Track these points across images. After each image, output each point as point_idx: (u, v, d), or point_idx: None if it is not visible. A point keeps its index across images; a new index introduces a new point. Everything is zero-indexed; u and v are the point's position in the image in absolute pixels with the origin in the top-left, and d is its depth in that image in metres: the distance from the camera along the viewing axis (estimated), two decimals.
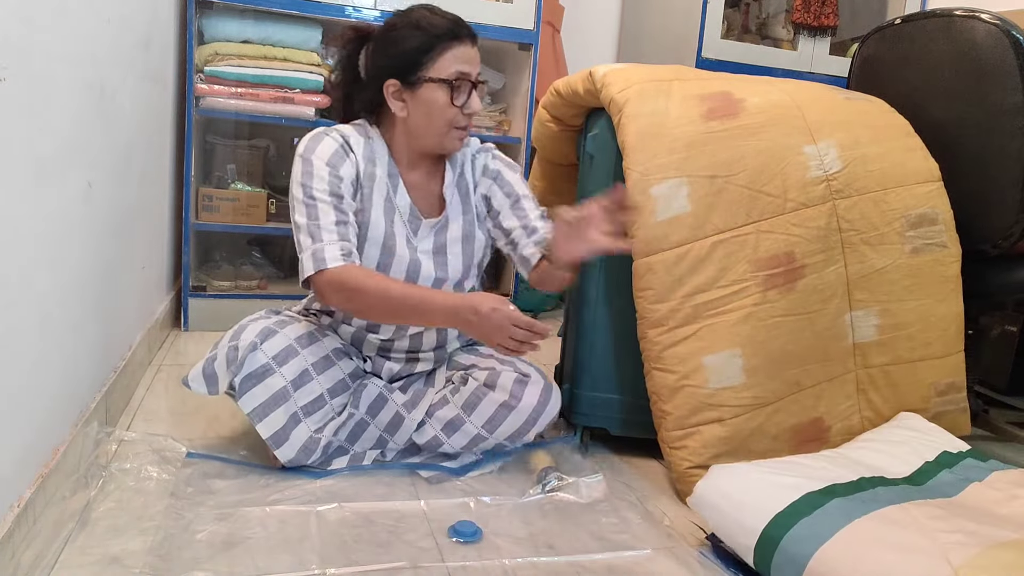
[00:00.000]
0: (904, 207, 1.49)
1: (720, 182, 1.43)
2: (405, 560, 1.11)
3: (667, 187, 1.42)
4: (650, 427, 1.45)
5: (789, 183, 1.45)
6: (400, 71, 1.35)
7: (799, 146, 1.47)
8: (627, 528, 1.26)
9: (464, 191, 1.49)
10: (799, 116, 1.51)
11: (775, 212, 1.44)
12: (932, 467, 1.33)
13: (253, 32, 2.20)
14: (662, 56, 2.81)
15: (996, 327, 2.12)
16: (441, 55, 1.33)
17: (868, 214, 1.48)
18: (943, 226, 1.50)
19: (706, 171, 1.44)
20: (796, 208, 1.45)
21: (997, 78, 1.46)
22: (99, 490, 1.20)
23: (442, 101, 1.34)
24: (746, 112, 1.49)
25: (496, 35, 2.38)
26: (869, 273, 1.48)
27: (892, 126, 1.57)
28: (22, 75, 0.93)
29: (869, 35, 1.74)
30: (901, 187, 1.50)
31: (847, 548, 1.03)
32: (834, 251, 1.46)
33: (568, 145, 1.75)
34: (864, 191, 1.48)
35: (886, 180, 1.50)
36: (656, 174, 1.42)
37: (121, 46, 1.47)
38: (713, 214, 1.43)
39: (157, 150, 1.92)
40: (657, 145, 1.44)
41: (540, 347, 1.25)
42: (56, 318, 1.12)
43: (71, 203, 1.17)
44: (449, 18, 1.35)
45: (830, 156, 1.48)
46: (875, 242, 1.48)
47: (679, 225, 1.42)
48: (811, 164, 1.47)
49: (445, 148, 1.41)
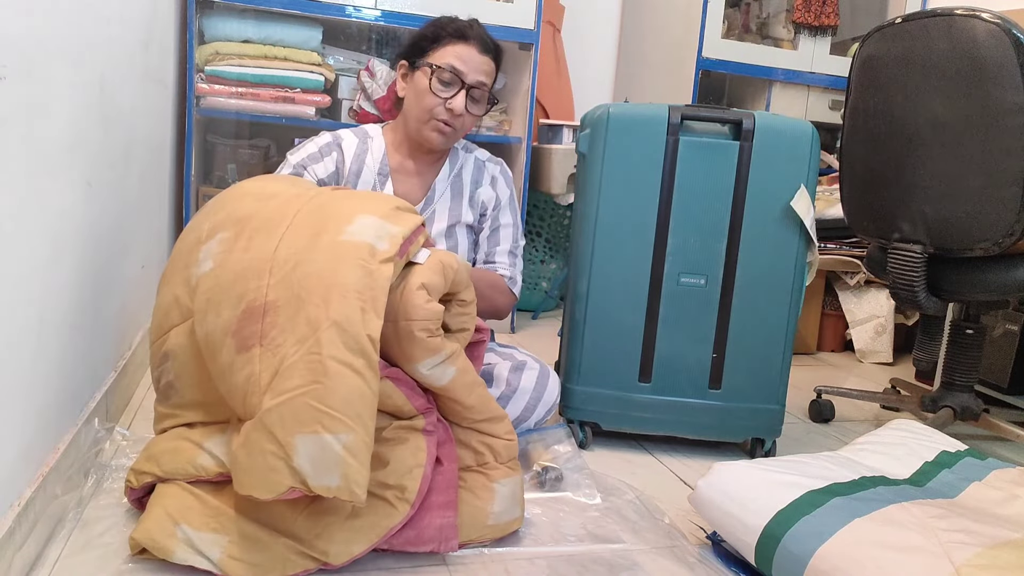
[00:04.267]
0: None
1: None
2: (404, 557, 1.11)
3: None
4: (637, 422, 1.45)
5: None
6: (410, 54, 1.47)
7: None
8: (627, 526, 1.26)
9: (458, 189, 1.53)
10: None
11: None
12: (932, 467, 1.32)
13: (254, 32, 2.20)
14: (662, 56, 2.81)
15: (997, 326, 2.12)
16: (444, 47, 1.43)
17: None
18: None
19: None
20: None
21: (998, 77, 1.46)
22: (99, 488, 1.21)
23: (428, 86, 1.42)
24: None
25: (496, 35, 2.35)
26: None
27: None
28: (22, 74, 0.93)
29: (870, 34, 1.74)
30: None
31: (848, 546, 1.03)
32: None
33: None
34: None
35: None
36: None
37: (121, 46, 1.47)
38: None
39: (157, 150, 1.92)
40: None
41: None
42: (56, 317, 1.12)
43: (71, 202, 1.17)
44: (467, 23, 1.47)
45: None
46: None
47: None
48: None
49: (423, 136, 1.45)
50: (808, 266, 1.57)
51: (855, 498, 1.15)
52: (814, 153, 1.54)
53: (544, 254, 2.87)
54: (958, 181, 1.54)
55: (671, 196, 1.53)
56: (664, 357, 1.57)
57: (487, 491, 1.16)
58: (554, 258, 2.89)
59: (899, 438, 1.41)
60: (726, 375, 1.58)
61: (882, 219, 1.71)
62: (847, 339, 2.73)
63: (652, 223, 1.54)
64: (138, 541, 1.02)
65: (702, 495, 1.20)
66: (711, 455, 1.62)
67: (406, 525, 1.07)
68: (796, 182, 1.53)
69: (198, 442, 1.10)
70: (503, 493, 1.17)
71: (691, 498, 1.22)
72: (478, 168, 1.56)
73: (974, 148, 1.51)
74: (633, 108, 1.57)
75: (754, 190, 1.53)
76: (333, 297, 0.99)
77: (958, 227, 1.55)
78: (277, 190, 1.18)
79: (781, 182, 1.53)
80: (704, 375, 1.58)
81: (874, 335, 2.63)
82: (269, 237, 1.07)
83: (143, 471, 1.11)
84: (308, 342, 0.97)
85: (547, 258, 2.88)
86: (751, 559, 1.12)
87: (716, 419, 1.59)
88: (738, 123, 1.52)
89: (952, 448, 1.39)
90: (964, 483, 1.28)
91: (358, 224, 1.07)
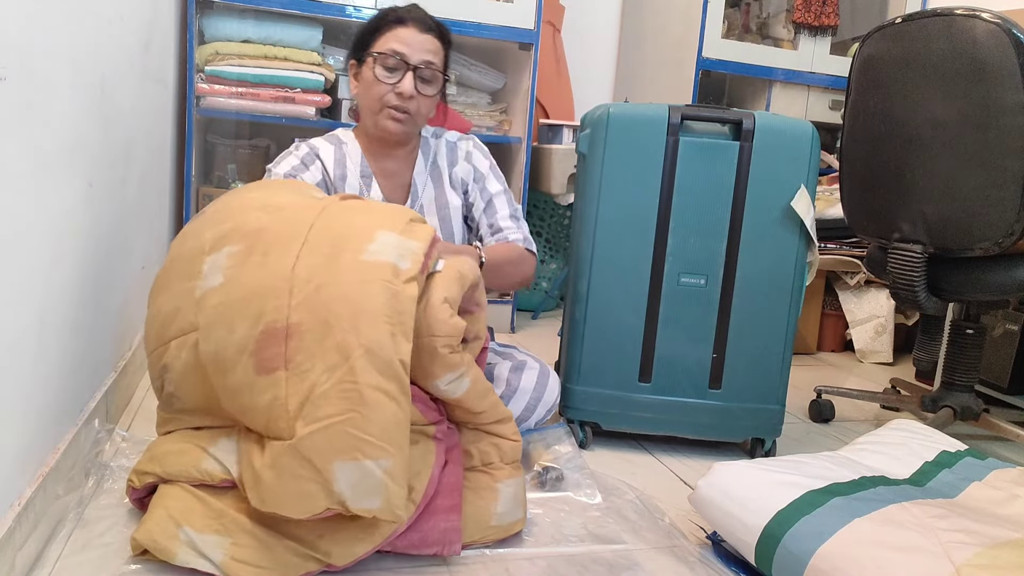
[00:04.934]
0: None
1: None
2: (406, 558, 1.11)
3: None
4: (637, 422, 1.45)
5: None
6: (356, 50, 1.46)
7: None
8: (627, 526, 1.26)
9: (437, 177, 1.53)
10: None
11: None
12: (932, 467, 1.32)
13: (254, 32, 2.20)
14: (662, 56, 2.81)
15: (997, 326, 2.12)
16: (384, 35, 1.42)
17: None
18: None
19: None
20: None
21: (998, 77, 1.46)
22: (99, 488, 1.21)
23: (373, 76, 1.40)
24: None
25: (496, 35, 2.38)
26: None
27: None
28: (22, 75, 0.93)
29: (870, 34, 1.74)
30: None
31: (849, 546, 1.03)
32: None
33: None
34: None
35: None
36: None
37: (121, 46, 1.47)
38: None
39: (157, 150, 1.92)
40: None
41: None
42: (56, 317, 1.12)
43: (71, 203, 1.17)
44: (405, 8, 1.44)
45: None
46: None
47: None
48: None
49: (380, 128, 1.44)
50: (808, 266, 1.57)
51: (855, 498, 1.15)
52: (814, 153, 1.54)
53: (544, 254, 2.87)
54: (958, 181, 1.54)
55: (671, 196, 1.54)
56: (664, 357, 1.57)
57: (491, 492, 1.16)
58: (554, 258, 2.89)
59: (899, 438, 1.41)
60: (726, 375, 1.58)
61: (882, 219, 1.71)
62: (847, 339, 2.73)
63: (652, 223, 1.54)
64: (140, 542, 1.02)
65: (702, 495, 1.20)
66: (711, 455, 1.62)
67: (410, 528, 1.07)
68: (796, 182, 1.53)
69: (203, 446, 1.10)
70: (507, 494, 1.17)
71: (691, 498, 1.22)
72: (451, 149, 1.55)
73: (974, 148, 1.51)
74: (633, 108, 1.57)
75: (754, 190, 1.53)
76: (362, 323, 0.99)
77: (958, 227, 1.55)
78: (284, 201, 1.17)
79: (781, 182, 1.53)
80: (704, 375, 1.58)
81: (874, 335, 2.63)
82: (285, 253, 1.06)
83: (146, 471, 1.11)
84: (340, 369, 0.98)
85: (547, 258, 2.88)
86: (751, 559, 1.12)
87: (716, 419, 1.59)
88: (738, 123, 1.52)
89: (952, 448, 1.39)
90: (964, 483, 1.28)
91: (379, 242, 1.06)
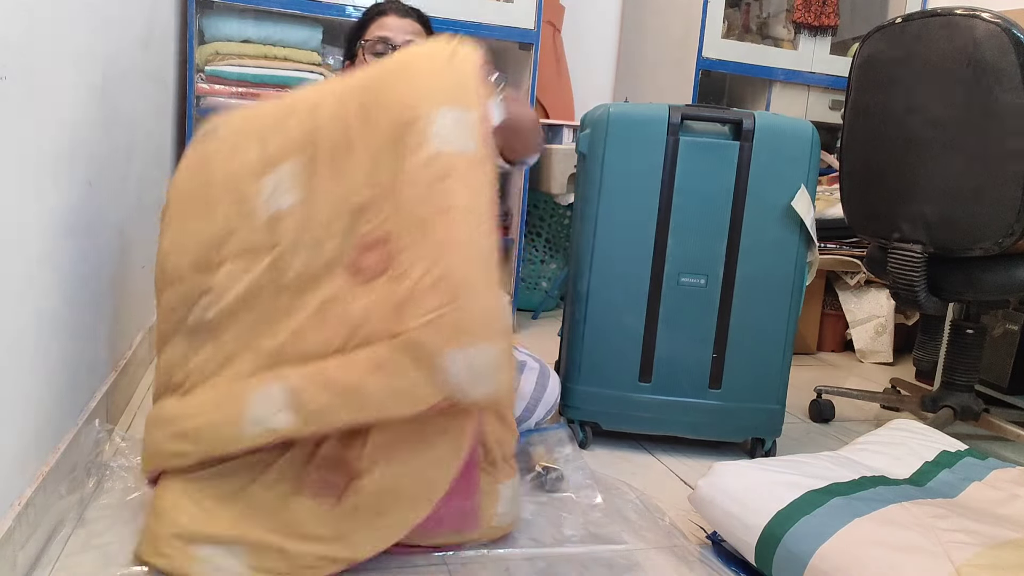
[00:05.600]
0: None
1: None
2: (405, 557, 1.10)
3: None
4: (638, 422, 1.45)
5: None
6: (348, 51, 1.56)
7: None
8: (627, 526, 1.26)
9: None
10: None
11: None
12: (932, 467, 1.33)
13: (254, 32, 2.20)
14: (662, 56, 2.81)
15: (997, 326, 2.12)
16: (369, 26, 1.51)
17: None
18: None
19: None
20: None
21: (998, 77, 1.46)
22: (100, 488, 1.21)
23: (365, 64, 1.46)
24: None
25: (496, 35, 2.38)
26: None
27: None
28: (22, 75, 0.93)
29: (870, 34, 1.74)
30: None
31: (849, 546, 1.03)
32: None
33: None
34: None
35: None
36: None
37: (121, 46, 1.47)
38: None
39: (157, 150, 1.92)
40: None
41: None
42: (56, 317, 1.12)
43: (71, 202, 1.17)
44: (384, 2, 1.55)
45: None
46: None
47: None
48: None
49: None
50: (808, 266, 1.57)
51: (855, 498, 1.15)
52: (814, 153, 1.54)
53: (544, 254, 2.88)
54: (958, 181, 1.54)
55: (671, 196, 1.54)
56: (664, 357, 1.57)
57: (492, 492, 1.16)
58: (554, 258, 2.89)
59: (899, 438, 1.41)
60: (726, 375, 1.58)
61: (882, 219, 1.71)
62: (847, 339, 2.73)
63: (652, 223, 1.54)
64: (155, 566, 1.00)
65: (702, 495, 1.20)
66: (711, 455, 1.62)
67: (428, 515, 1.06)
68: (796, 182, 1.53)
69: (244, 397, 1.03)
70: (506, 495, 1.16)
71: (691, 498, 1.22)
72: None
73: (974, 148, 1.51)
74: (633, 108, 1.57)
75: (754, 190, 1.53)
76: (453, 220, 0.99)
77: (958, 227, 1.55)
78: (310, 98, 1.12)
79: (781, 182, 1.53)
80: (704, 375, 1.58)
81: (874, 335, 2.63)
82: (354, 161, 1.04)
83: (179, 452, 1.06)
84: (439, 266, 0.97)
85: (547, 258, 2.88)
86: (751, 559, 1.12)
87: (716, 419, 1.59)
88: (738, 123, 1.52)
89: (952, 448, 1.39)
90: (964, 483, 1.28)
91: (439, 124, 1.02)
